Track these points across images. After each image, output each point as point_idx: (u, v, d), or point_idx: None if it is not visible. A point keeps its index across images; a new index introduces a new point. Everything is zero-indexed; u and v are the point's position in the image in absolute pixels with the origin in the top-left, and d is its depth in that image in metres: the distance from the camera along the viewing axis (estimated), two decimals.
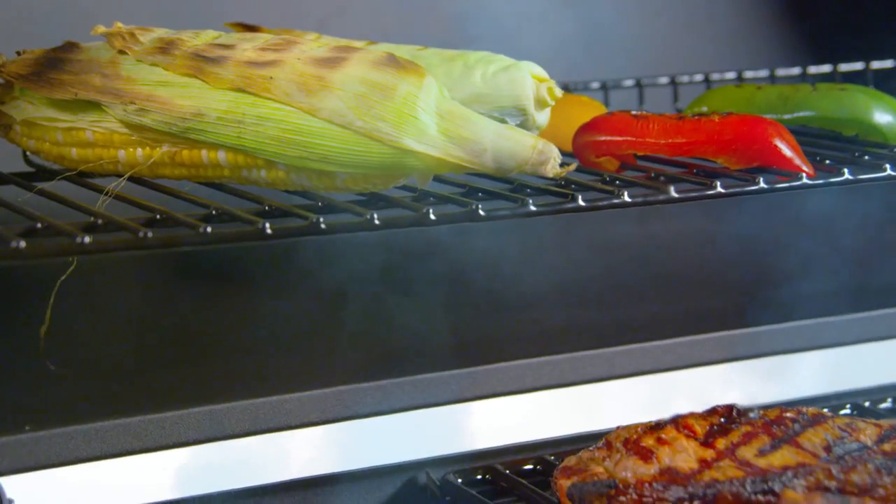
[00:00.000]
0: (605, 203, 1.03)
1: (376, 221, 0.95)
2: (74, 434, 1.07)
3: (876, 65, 1.43)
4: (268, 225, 0.91)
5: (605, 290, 1.30)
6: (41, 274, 1.02)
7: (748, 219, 1.43)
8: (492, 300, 1.26)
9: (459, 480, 1.16)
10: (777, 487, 0.98)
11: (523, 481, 1.15)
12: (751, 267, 1.41)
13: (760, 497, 0.98)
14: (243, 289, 1.17)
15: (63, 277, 0.98)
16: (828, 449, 1.02)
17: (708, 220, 1.40)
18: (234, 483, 1.11)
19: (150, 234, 0.88)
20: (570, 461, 1.06)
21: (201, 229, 0.90)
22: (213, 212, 0.92)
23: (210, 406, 1.11)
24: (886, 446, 1.02)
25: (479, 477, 1.17)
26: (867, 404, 1.31)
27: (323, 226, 0.93)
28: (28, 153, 1.09)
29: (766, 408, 1.08)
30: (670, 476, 1.00)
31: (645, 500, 0.99)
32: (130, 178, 1.01)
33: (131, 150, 1.01)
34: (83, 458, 1.07)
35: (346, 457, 1.16)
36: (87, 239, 0.86)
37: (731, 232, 1.41)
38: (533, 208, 1.00)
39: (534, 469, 1.18)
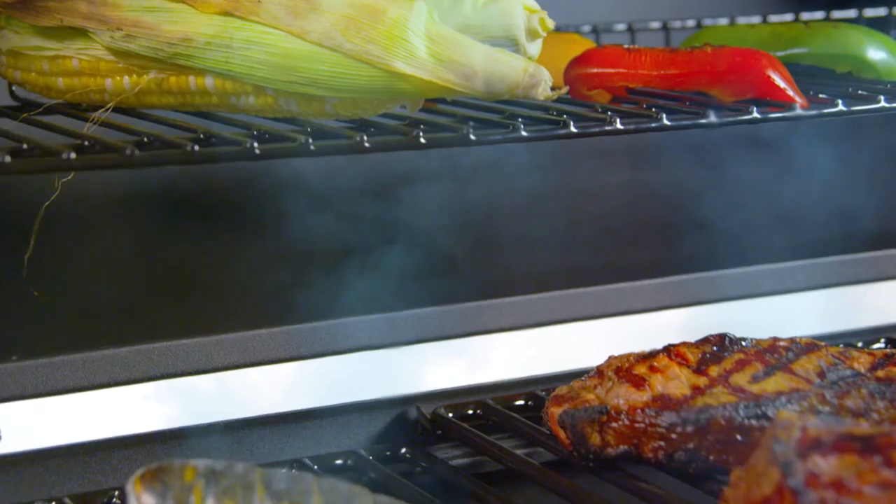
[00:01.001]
0: (596, 130, 1.02)
1: (366, 144, 0.94)
2: (61, 364, 1.06)
3: (869, 12, 1.42)
4: (256, 144, 0.91)
5: (599, 231, 1.29)
6: (27, 201, 1.01)
7: (737, 162, 1.42)
8: (487, 237, 1.25)
9: (450, 415, 1.15)
10: (770, 412, 0.97)
11: (515, 415, 1.14)
12: (742, 209, 1.40)
13: (754, 422, 0.97)
14: (232, 223, 1.16)
15: (47, 204, 0.97)
16: (821, 375, 1.01)
17: (698, 162, 1.39)
18: (222, 416, 1.10)
19: (136, 152, 0.87)
20: (562, 390, 1.05)
21: (189, 147, 0.89)
22: (201, 135, 0.92)
23: (199, 338, 1.10)
24: (880, 373, 1.02)
25: (469, 412, 1.16)
26: (860, 345, 1.31)
27: (312, 147, 0.92)
28: (13, 86, 1.08)
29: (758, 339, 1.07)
30: (663, 402, 0.99)
31: (637, 425, 0.99)
32: (118, 109, 1.00)
33: (118, 78, 1.00)
34: (70, 389, 1.06)
35: (335, 391, 1.15)
36: (72, 155, 0.85)
37: (720, 176, 1.41)
38: (524, 133, 0.99)
39: (525, 405, 1.17)
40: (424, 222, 1.22)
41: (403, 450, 1.12)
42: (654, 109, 1.04)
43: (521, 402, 1.18)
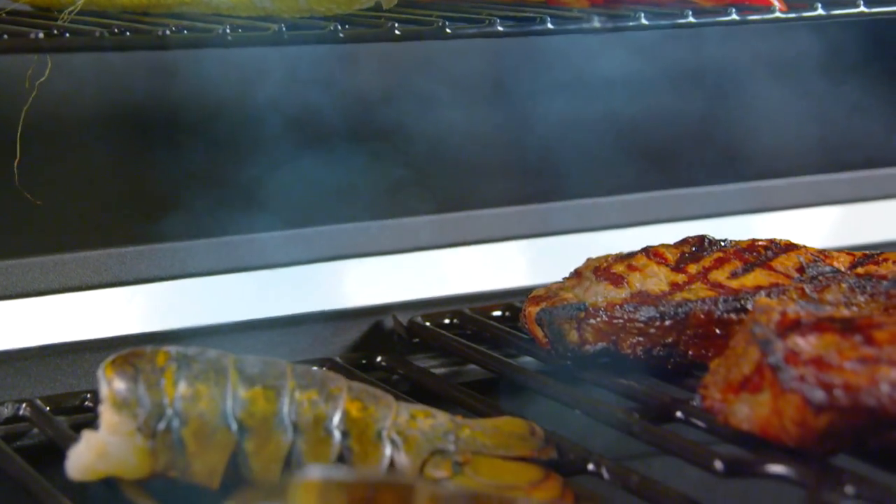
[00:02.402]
0: (573, 27, 1.01)
1: (341, 34, 0.93)
2: (32, 266, 1.05)
3: None
4: (228, 30, 0.89)
5: (575, 142, 1.27)
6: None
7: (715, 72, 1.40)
8: (462, 148, 1.24)
9: (427, 323, 1.14)
10: (749, 306, 0.96)
11: (492, 322, 1.13)
12: (726, 124, 1.39)
13: (733, 315, 0.96)
14: (209, 123, 1.14)
15: (27, 107, 0.96)
16: (801, 271, 1.00)
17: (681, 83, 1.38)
18: (194, 321, 1.09)
19: (106, 34, 0.86)
20: (539, 291, 1.04)
21: (160, 32, 0.88)
22: (173, 27, 0.90)
23: (172, 243, 1.09)
24: (860, 270, 1.01)
25: (447, 321, 1.15)
26: None
27: (286, 36, 0.91)
28: None
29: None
30: (641, 298, 0.98)
31: (615, 321, 0.98)
32: (90, 13, 0.98)
33: None
34: (41, 291, 1.05)
35: (308, 299, 1.13)
36: (41, 35, 0.84)
37: (700, 94, 1.39)
38: (500, 28, 0.98)
39: (502, 315, 1.16)
40: (404, 133, 1.21)
41: (379, 358, 1.11)
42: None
43: (498, 313, 1.16)
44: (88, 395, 1.01)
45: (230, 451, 0.82)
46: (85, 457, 0.82)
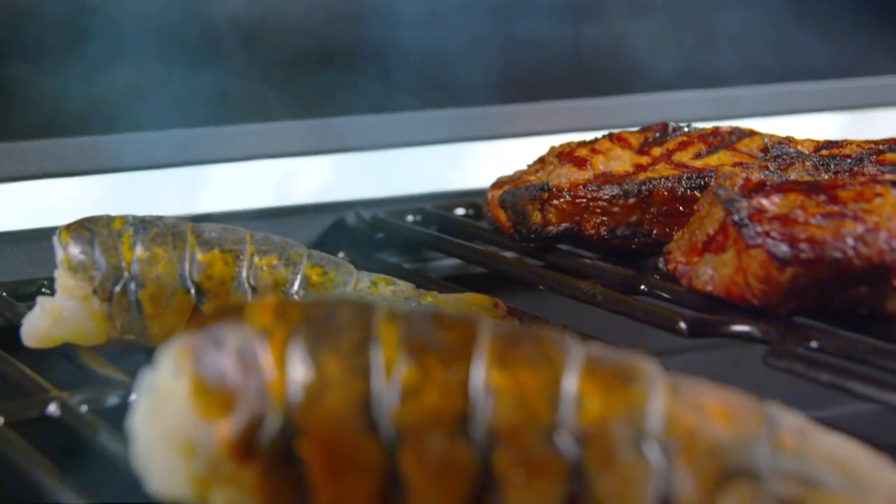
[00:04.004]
0: None
1: None
2: None
3: None
4: None
5: (544, 47, 1.26)
6: None
7: None
8: (430, 44, 1.22)
9: (391, 219, 1.13)
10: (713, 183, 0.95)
11: (454, 216, 1.12)
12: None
13: (697, 192, 0.95)
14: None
15: None
16: (765, 151, 1.00)
17: None
18: (156, 212, 1.07)
19: None
20: (503, 177, 1.03)
21: None
22: None
23: (130, 133, 1.07)
24: (824, 152, 1.00)
25: (409, 217, 1.13)
26: None
27: None
28: None
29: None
30: (605, 179, 0.97)
31: (578, 201, 0.97)
32: None
33: None
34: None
35: (269, 194, 1.12)
36: None
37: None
38: None
39: (466, 213, 1.15)
40: (381, 32, 1.19)
41: (342, 254, 1.09)
42: None
43: (461, 211, 1.15)
44: (45, 282, 0.99)
45: (188, 314, 0.81)
46: (40, 323, 0.81)
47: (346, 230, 1.14)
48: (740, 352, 1.19)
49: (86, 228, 0.81)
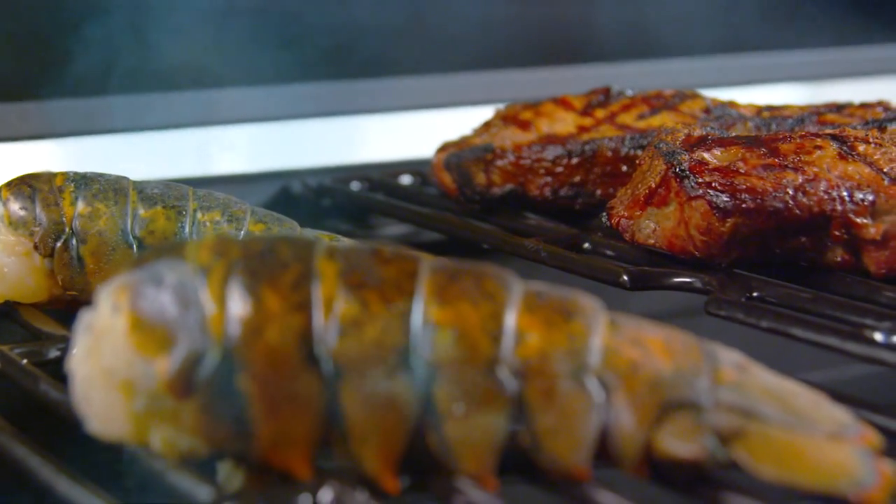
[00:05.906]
0: None
1: None
2: None
3: None
4: None
5: (501, 19, 1.26)
6: None
7: None
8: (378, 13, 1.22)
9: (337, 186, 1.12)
10: None
11: (401, 183, 1.12)
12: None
13: (640, 152, 0.96)
14: None
15: None
16: (707, 112, 1.00)
17: None
18: None
19: None
20: (448, 142, 1.03)
21: None
22: None
23: (89, 99, 1.06)
24: (765, 114, 1.01)
25: (356, 185, 1.13)
26: None
27: None
28: None
29: None
30: (548, 140, 0.98)
31: (522, 161, 0.97)
32: None
33: None
34: None
35: (215, 162, 1.12)
36: None
37: None
38: None
39: (412, 181, 1.15)
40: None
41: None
42: None
43: (407, 178, 1.15)
44: None
45: None
46: None
47: (291, 198, 1.13)
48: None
49: (26, 184, 0.81)
